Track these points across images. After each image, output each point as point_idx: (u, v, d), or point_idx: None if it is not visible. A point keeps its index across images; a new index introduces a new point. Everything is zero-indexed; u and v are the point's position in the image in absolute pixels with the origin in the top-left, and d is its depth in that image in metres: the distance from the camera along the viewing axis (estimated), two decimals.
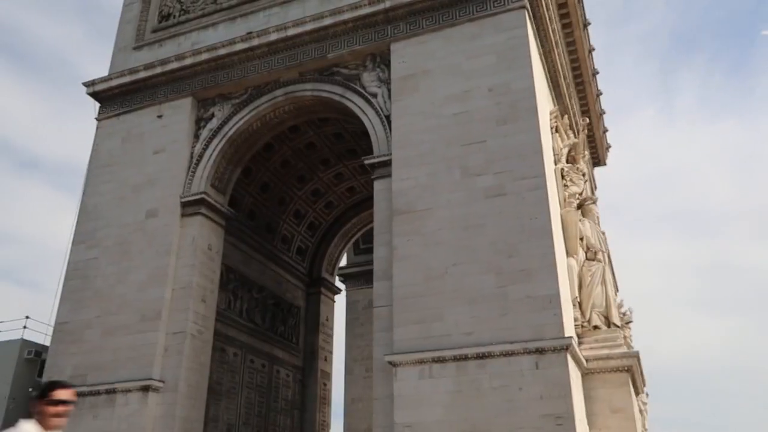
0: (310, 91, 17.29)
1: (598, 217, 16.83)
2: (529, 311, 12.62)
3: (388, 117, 15.90)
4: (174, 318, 15.94)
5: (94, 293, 16.78)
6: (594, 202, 16.90)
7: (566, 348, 12.08)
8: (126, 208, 17.59)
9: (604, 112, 35.90)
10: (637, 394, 16.20)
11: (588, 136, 35.66)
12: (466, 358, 12.64)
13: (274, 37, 17.62)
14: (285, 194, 21.40)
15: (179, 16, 19.98)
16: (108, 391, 15.37)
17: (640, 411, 28.07)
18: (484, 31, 15.64)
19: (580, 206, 16.76)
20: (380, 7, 16.65)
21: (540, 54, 16.97)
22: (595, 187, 38.31)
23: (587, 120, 18.07)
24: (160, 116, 18.42)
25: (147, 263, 16.57)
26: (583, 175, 16.95)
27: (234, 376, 18.25)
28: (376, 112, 16.19)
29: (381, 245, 14.76)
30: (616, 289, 17.26)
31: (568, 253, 14.97)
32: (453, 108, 15.13)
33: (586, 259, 15.39)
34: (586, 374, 13.79)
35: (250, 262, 19.98)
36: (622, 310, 30.06)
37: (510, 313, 12.74)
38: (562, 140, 16.97)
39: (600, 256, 15.52)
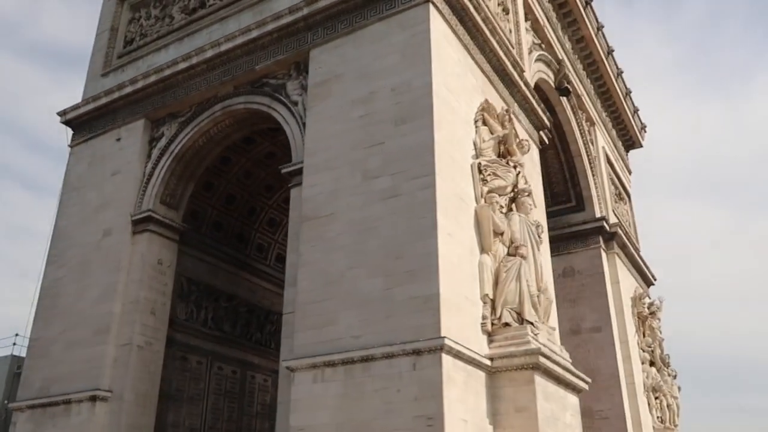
0: (243, 104, 17.78)
1: (531, 207, 16.32)
2: (411, 312, 12.55)
3: (305, 124, 16.12)
4: (122, 331, 16.91)
5: (59, 310, 18.03)
6: (528, 194, 16.40)
7: (440, 348, 11.93)
8: (88, 228, 18.75)
9: (629, 92, 34.48)
10: (578, 391, 15.70)
11: (616, 120, 34.44)
12: (353, 361, 12.74)
13: (209, 54, 18.22)
14: (255, 204, 22.02)
15: (139, 40, 21.01)
16: (65, 402, 16.52)
17: (656, 404, 26.91)
18: (391, 30, 15.55)
19: (514, 200, 16.37)
20: (299, 14, 16.87)
21: (465, 46, 16.62)
22: (630, 173, 36.76)
23: (507, 107, 17.44)
24: (118, 139, 19.48)
25: (101, 280, 17.63)
26: (515, 167, 16.48)
27: (198, 383, 19.08)
28: (296, 120, 16.46)
29: (291, 252, 15.06)
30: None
31: (483, 250, 14.68)
32: (359, 111, 15.17)
33: (507, 254, 15.00)
34: (493, 373, 13.54)
35: (217, 273, 20.76)
36: (647, 300, 28.99)
37: (394, 315, 12.72)
38: (493, 132, 16.58)
39: (523, 250, 15.07)
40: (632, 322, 28.30)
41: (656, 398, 27.70)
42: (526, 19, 23.78)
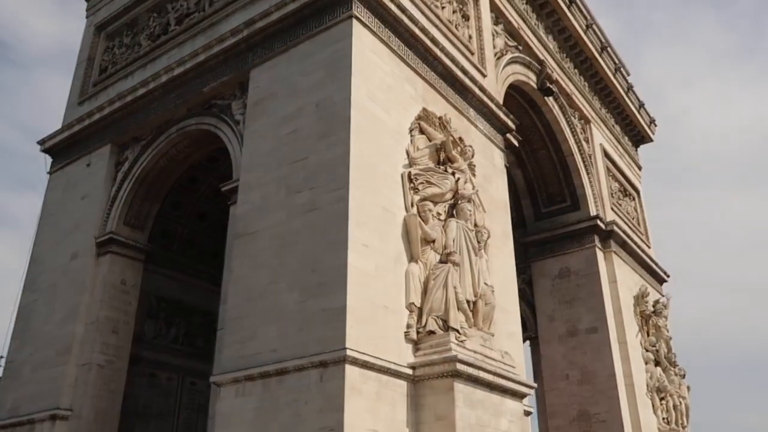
0: (195, 125, 18.30)
1: (471, 213, 16.20)
2: (321, 324, 12.70)
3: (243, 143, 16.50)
4: (83, 351, 17.60)
5: (31, 333, 18.86)
6: (469, 200, 16.29)
7: (343, 359, 12.03)
8: (58, 252, 19.59)
9: (630, 87, 33.66)
10: (521, 396, 15.49)
11: (619, 115, 33.62)
12: (269, 374, 12.96)
13: (164, 78, 18.82)
14: (225, 221, 22.38)
15: (111, 68, 21.85)
16: (29, 422, 17.25)
17: (661, 405, 25.98)
18: (317, 47, 15.79)
19: (454, 206, 16.30)
20: (240, 36, 17.28)
21: (401, 56, 16.67)
22: (640, 168, 35.75)
23: (445, 115, 17.32)
24: (88, 165, 20.29)
25: (66, 302, 18.39)
26: (453, 173, 16.39)
27: (168, 399, 19.63)
28: (237, 139, 16.85)
29: (225, 270, 15.42)
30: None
31: (412, 258, 14.69)
32: (288, 128, 15.44)
33: (439, 261, 14.96)
34: (417, 381, 13.53)
35: (190, 290, 21.33)
36: (650, 299, 28.11)
37: (307, 328, 12.89)
38: (432, 140, 16.55)
39: (455, 257, 15.00)
40: (634, 321, 27.61)
41: (662, 399, 26.87)
42: (497, 23, 23.70)
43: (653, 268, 31.53)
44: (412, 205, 15.18)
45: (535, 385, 16.00)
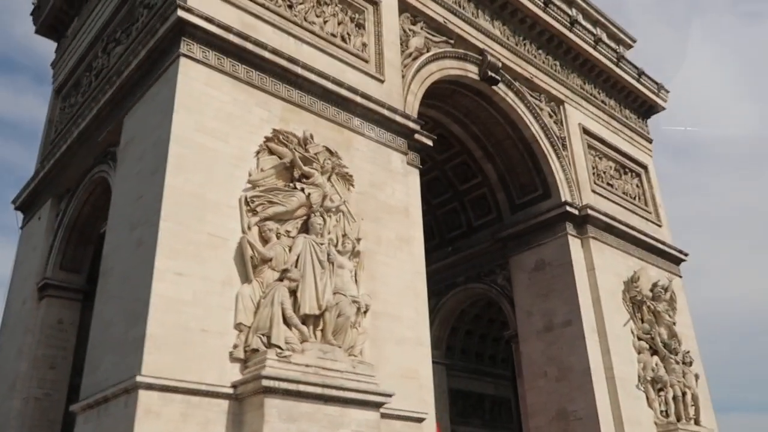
0: (98, 173, 19.94)
1: (321, 227, 16.49)
2: (132, 352, 13.68)
3: None
4: (23, 386, 19.68)
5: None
6: (319, 214, 16.59)
7: (135, 386, 12.89)
8: (17, 298, 21.97)
9: (620, 57, 31.95)
10: (377, 406, 15.47)
11: (612, 88, 31.94)
12: (99, 402, 14.16)
13: (75, 133, 20.66)
14: None
15: (60, 128, 24.13)
16: None
17: (657, 397, 24.17)
18: (160, 89, 16.81)
19: (306, 222, 16.65)
20: (116, 86, 18.67)
21: (249, 82, 17.32)
22: (650, 141, 33.51)
23: (306, 131, 17.60)
24: (39, 218, 22.59)
25: (16, 342, 20.64)
26: (303, 190, 16.70)
27: None
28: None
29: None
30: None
31: (247, 279, 15.26)
32: (136, 168, 16.61)
33: (277, 279, 15.42)
34: (241, 400, 14.11)
35: None
36: (642, 284, 26.28)
37: (126, 357, 13.89)
38: (283, 157, 16.95)
39: (293, 273, 15.40)
40: (623, 308, 26.20)
41: (659, 390, 25.16)
42: (415, 22, 23.64)
43: (661, 249, 29.56)
44: (249, 228, 15.74)
45: (392, 393, 15.77)
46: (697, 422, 25.77)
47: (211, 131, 16.14)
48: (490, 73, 25.52)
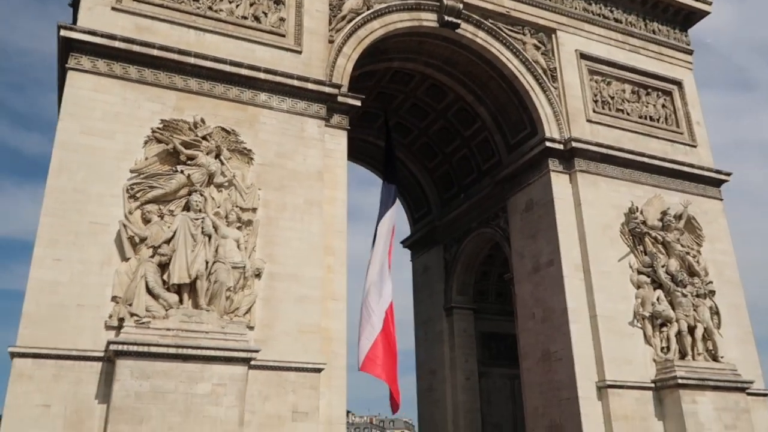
0: None
1: (199, 204, 18.14)
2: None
3: None
4: None
5: None
6: (197, 192, 18.28)
7: (13, 354, 15.88)
8: None
9: None
10: (244, 361, 17.07)
11: (643, 3, 29.09)
12: None
13: None
14: None
15: None
16: None
17: (658, 333, 22.33)
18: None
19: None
20: None
21: (140, 80, 19.29)
22: (690, 53, 29.74)
23: (197, 116, 19.11)
24: None
25: None
26: (182, 172, 18.43)
27: None
28: None
29: None
30: None
31: (124, 258, 17.55)
32: None
33: (150, 256, 17.53)
34: (114, 361, 16.53)
35: None
36: (639, 214, 24.34)
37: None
38: (168, 144, 18.80)
39: (164, 249, 17.42)
40: (619, 242, 24.58)
41: (662, 326, 23.41)
42: None
43: (689, 173, 26.72)
44: (131, 212, 17.96)
45: (257, 348, 17.27)
46: (715, 358, 23.51)
47: (99, 131, 18.47)
48: (447, 18, 24.88)
